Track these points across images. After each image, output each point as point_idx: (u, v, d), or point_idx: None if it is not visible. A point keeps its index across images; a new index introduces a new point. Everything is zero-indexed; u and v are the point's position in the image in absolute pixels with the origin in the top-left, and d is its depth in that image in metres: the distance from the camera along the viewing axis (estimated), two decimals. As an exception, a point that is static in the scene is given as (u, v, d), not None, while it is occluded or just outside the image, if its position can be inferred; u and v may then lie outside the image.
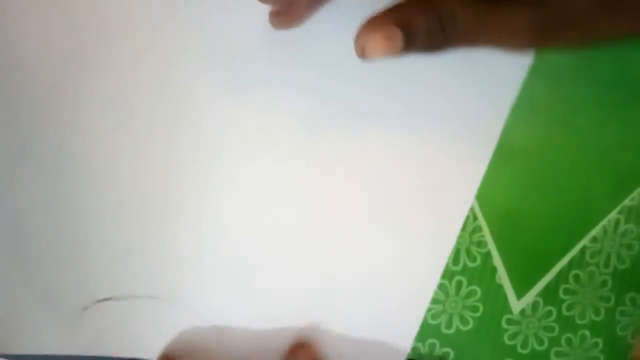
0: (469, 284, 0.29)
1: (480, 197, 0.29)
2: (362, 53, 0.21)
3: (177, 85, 0.27)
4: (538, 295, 0.30)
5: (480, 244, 0.29)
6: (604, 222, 0.29)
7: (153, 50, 0.27)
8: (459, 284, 0.29)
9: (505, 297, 0.29)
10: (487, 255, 0.29)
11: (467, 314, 0.29)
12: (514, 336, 0.30)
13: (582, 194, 0.29)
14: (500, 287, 0.29)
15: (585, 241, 0.29)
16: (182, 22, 0.27)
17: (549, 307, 0.30)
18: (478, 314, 0.30)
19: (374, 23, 0.21)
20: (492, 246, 0.29)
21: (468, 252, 0.29)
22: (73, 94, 0.27)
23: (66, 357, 0.29)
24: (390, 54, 0.21)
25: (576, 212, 0.29)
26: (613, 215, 0.29)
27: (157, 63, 0.27)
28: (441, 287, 0.29)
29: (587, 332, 0.30)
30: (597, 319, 0.30)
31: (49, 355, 0.29)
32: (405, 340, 0.29)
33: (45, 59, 0.27)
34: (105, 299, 0.28)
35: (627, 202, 0.29)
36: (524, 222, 0.29)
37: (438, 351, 0.30)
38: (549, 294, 0.30)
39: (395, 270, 0.29)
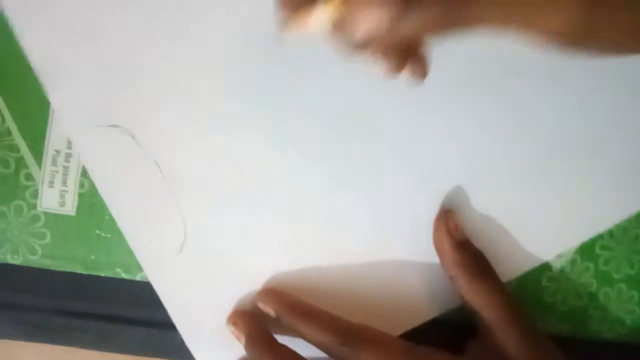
0: (510, 244, 0.30)
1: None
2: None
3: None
4: (576, 252, 0.31)
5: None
6: (634, 179, 0.31)
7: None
8: (501, 245, 0.30)
9: (545, 256, 0.31)
10: (526, 216, 0.30)
11: (509, 274, 0.31)
12: (554, 293, 0.31)
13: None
14: (539, 246, 0.30)
15: (617, 198, 0.31)
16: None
17: (587, 263, 0.31)
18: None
19: None
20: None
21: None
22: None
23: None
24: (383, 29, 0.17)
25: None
26: (642, 172, 0.31)
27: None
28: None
29: (624, 286, 0.31)
30: (632, 272, 0.31)
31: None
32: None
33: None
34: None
35: (653, 159, 0.31)
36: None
37: (483, 312, 0.31)
38: (586, 251, 0.31)
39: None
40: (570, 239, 0.30)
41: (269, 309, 0.28)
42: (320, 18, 0.18)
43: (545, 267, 0.31)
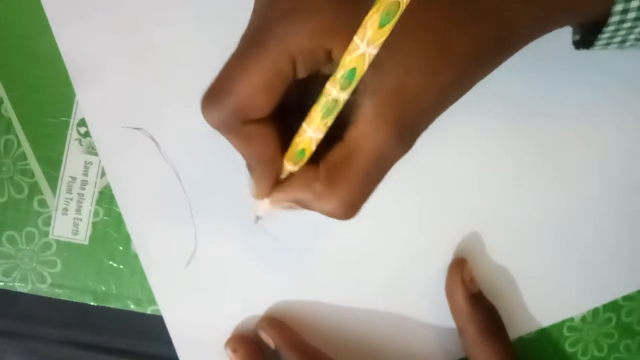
0: (532, 292, 0.30)
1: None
2: None
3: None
4: (598, 302, 0.30)
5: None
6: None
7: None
8: (522, 293, 0.29)
9: (567, 305, 0.30)
10: (549, 264, 0.29)
11: (530, 322, 0.30)
12: (575, 343, 0.30)
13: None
14: (561, 294, 0.30)
15: (641, 248, 0.30)
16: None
17: (609, 314, 0.30)
18: (540, 322, 0.30)
19: None
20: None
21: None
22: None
23: None
24: None
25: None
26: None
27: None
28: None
29: (645, 338, 0.31)
30: (655, 324, 0.31)
31: None
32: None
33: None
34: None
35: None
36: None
37: None
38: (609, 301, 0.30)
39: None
40: (589, 300, 0.30)
41: (269, 341, 0.28)
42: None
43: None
